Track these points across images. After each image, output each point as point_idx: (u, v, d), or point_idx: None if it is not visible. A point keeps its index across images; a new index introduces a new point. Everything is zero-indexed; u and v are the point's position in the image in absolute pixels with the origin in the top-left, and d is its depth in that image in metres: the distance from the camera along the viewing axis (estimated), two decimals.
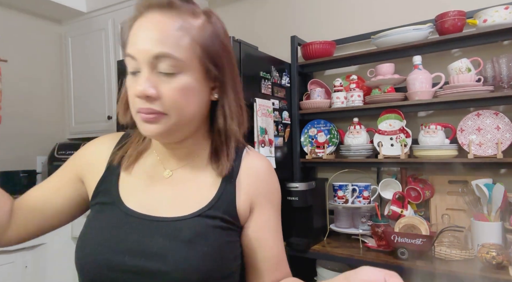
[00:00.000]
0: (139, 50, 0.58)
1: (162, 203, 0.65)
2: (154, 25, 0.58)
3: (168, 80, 0.58)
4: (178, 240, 0.60)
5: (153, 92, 0.57)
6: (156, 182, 0.68)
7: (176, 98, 0.59)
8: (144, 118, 0.59)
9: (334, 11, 2.16)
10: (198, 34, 0.60)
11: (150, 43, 0.57)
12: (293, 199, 1.77)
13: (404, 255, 1.50)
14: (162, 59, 0.57)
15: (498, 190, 1.50)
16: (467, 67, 1.60)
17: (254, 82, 1.76)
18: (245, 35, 2.28)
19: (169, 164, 0.69)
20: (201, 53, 0.60)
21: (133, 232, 0.61)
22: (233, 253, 0.65)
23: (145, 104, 0.58)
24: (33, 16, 2.64)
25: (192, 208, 0.64)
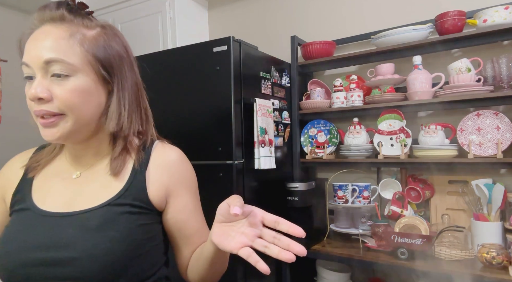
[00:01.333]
0: (32, 57, 0.64)
1: (73, 200, 0.70)
2: (46, 35, 0.64)
3: (61, 83, 0.64)
4: (86, 228, 0.65)
5: (45, 95, 0.63)
6: (67, 183, 0.73)
7: (69, 98, 0.64)
8: (42, 123, 0.65)
9: (334, 11, 2.16)
10: (90, 43, 0.67)
11: (41, 50, 0.63)
12: (293, 199, 1.77)
13: (404, 255, 1.50)
14: (52, 64, 0.63)
15: (498, 190, 1.50)
16: (467, 67, 1.60)
17: (254, 82, 1.76)
18: (245, 35, 2.28)
19: (79, 165, 0.75)
20: (93, 60, 0.67)
21: (46, 230, 0.66)
22: (147, 234, 0.70)
23: (40, 107, 0.63)
24: None
25: (101, 199, 0.69)
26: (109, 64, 0.69)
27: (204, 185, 1.66)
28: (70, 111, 0.65)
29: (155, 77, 1.82)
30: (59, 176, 0.75)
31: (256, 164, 1.68)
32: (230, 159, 1.58)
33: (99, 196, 0.70)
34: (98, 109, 0.69)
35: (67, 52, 0.64)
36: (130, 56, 0.75)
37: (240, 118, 1.64)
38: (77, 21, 0.68)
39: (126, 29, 2.45)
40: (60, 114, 0.64)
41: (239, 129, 1.62)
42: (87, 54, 0.66)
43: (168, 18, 2.33)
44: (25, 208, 0.71)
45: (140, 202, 0.70)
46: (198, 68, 1.69)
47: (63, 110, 0.64)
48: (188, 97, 1.72)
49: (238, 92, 1.63)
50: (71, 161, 0.76)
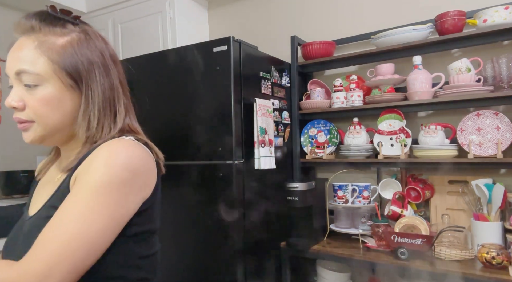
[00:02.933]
0: (8, 68, 0.69)
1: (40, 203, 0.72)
2: (17, 47, 0.69)
3: (31, 92, 0.67)
4: (21, 235, 0.70)
5: (18, 104, 0.67)
6: (48, 186, 0.76)
7: (38, 107, 0.67)
8: (19, 127, 0.70)
9: (334, 11, 2.16)
10: (55, 51, 0.68)
11: (13, 62, 0.68)
12: (293, 199, 1.77)
13: (404, 255, 1.50)
14: (22, 74, 0.67)
15: (498, 190, 1.50)
16: (467, 67, 1.60)
17: (254, 82, 1.76)
18: (245, 35, 2.28)
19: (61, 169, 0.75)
20: (58, 69, 0.68)
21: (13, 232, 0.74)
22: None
23: (16, 114, 0.69)
24: None
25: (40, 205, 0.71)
26: (76, 71, 0.69)
27: (204, 185, 1.66)
28: (39, 118, 0.68)
29: (155, 77, 1.82)
30: (48, 180, 0.79)
31: (256, 164, 1.68)
32: (230, 159, 1.58)
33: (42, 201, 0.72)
34: (68, 116, 0.70)
35: (33, 62, 0.67)
36: (107, 60, 0.73)
37: (240, 118, 1.64)
38: (46, 30, 0.69)
39: (126, 29, 2.45)
40: (30, 121, 0.69)
41: (239, 129, 1.62)
42: (51, 63, 0.67)
43: (168, 18, 2.33)
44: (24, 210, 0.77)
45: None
46: (198, 68, 1.69)
47: (32, 118, 0.68)
48: (188, 97, 1.72)
49: (238, 92, 1.63)
50: (60, 164, 0.79)
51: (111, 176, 0.61)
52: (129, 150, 0.65)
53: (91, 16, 2.58)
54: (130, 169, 0.63)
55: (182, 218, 1.70)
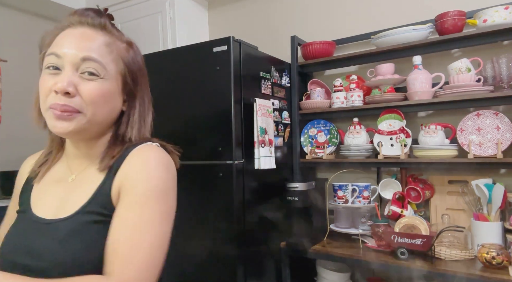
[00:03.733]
0: (68, 51, 0.65)
1: (61, 206, 0.69)
2: (86, 36, 0.67)
3: (89, 82, 0.66)
4: (54, 240, 0.64)
5: (72, 90, 0.64)
6: (60, 186, 0.73)
7: (94, 99, 0.66)
8: (57, 115, 0.64)
9: (334, 11, 2.16)
10: (123, 53, 0.71)
11: (82, 48, 0.66)
12: (293, 199, 1.77)
13: (404, 255, 1.50)
14: (88, 62, 0.65)
15: (498, 190, 1.50)
16: (467, 67, 1.60)
17: (254, 82, 1.76)
18: (245, 35, 2.28)
19: (74, 167, 0.74)
20: (124, 69, 0.71)
21: (29, 235, 0.67)
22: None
23: (61, 100, 0.64)
24: (33, 16, 2.64)
25: (74, 207, 0.67)
26: (135, 76, 0.74)
27: (204, 185, 1.66)
28: (90, 109, 0.66)
29: (155, 77, 1.81)
30: (55, 179, 0.75)
31: (256, 164, 1.68)
32: (230, 159, 1.58)
33: (76, 203, 0.68)
34: (111, 114, 0.72)
35: (104, 57, 0.67)
36: (146, 73, 0.79)
37: (240, 118, 1.64)
38: (114, 32, 0.72)
39: (126, 29, 2.45)
40: (76, 113, 0.65)
41: (239, 129, 1.62)
42: (121, 63, 0.70)
43: (168, 18, 2.33)
44: (24, 210, 0.73)
45: (105, 210, 0.66)
46: (198, 68, 1.69)
47: (82, 107, 0.65)
48: (188, 97, 1.72)
49: (238, 92, 1.63)
50: (69, 162, 0.76)
51: (165, 183, 0.68)
52: (167, 157, 0.72)
53: None
54: (174, 174, 0.72)
55: (182, 218, 1.70)
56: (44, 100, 0.66)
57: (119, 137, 0.74)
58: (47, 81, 0.66)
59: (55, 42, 0.68)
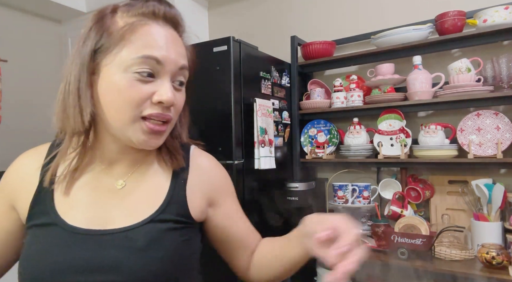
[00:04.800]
0: (169, 58, 0.60)
1: (112, 214, 0.63)
2: (176, 40, 0.63)
3: (179, 91, 0.64)
4: (131, 249, 0.58)
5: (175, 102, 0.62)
6: (102, 193, 0.65)
7: (181, 107, 0.66)
8: (156, 131, 0.60)
9: (334, 11, 2.16)
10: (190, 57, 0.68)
11: (178, 55, 0.62)
12: (293, 199, 1.77)
13: (404, 255, 1.50)
14: (183, 71, 0.64)
15: (498, 190, 1.50)
16: (467, 67, 1.60)
17: (254, 82, 1.76)
18: (245, 35, 2.28)
19: (117, 173, 0.67)
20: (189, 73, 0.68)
21: (82, 250, 0.58)
22: (189, 250, 0.66)
23: (165, 111, 0.61)
24: (33, 16, 2.64)
25: (143, 215, 0.63)
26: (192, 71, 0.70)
27: None
28: (175, 119, 0.65)
29: None
30: (92, 186, 0.65)
31: (256, 164, 1.68)
32: (230, 159, 1.58)
33: (140, 210, 0.63)
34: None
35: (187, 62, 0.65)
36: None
37: (240, 118, 1.64)
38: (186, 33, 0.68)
39: None
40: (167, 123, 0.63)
41: (239, 129, 1.62)
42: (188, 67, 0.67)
43: None
44: (50, 223, 0.61)
45: (181, 217, 0.65)
46: (198, 68, 1.69)
47: (173, 118, 0.64)
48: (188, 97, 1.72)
49: (238, 92, 1.63)
50: (107, 167, 0.67)
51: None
52: None
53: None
54: None
55: None
56: (133, 109, 0.58)
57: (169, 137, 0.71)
58: (141, 88, 0.58)
59: (146, 39, 0.58)
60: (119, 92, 0.58)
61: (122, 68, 0.57)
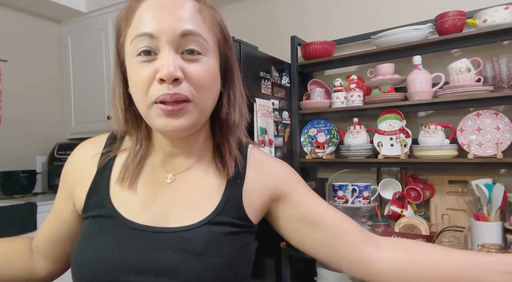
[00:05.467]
0: (162, 27, 0.51)
1: (168, 211, 0.59)
2: (176, 5, 0.53)
3: (193, 63, 0.53)
4: (189, 253, 0.54)
5: (181, 75, 0.51)
6: (158, 188, 0.61)
7: (202, 83, 0.54)
8: (169, 111, 0.52)
9: (334, 11, 2.16)
10: (215, 19, 0.58)
11: (176, 20, 0.52)
12: None
13: None
14: (189, 38, 0.52)
15: (498, 190, 1.50)
16: (467, 67, 1.60)
17: (254, 82, 1.76)
18: (245, 35, 2.28)
19: (172, 167, 0.63)
20: (221, 38, 0.59)
21: (140, 248, 0.55)
22: (246, 256, 0.62)
23: (171, 89, 0.51)
24: (33, 16, 2.64)
25: (199, 215, 0.58)
26: (230, 46, 0.61)
27: None
28: (199, 96, 0.54)
29: None
30: (148, 180, 0.62)
31: None
32: None
33: (196, 209, 0.59)
34: (216, 98, 0.59)
35: (202, 27, 0.54)
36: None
37: None
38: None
39: None
40: (188, 102, 0.53)
41: None
42: (216, 32, 0.58)
43: None
44: (106, 215, 0.58)
45: (238, 220, 0.60)
46: None
47: (194, 95, 0.53)
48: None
49: None
50: (165, 161, 0.63)
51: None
52: None
53: (91, 16, 2.58)
54: None
55: None
56: (144, 95, 0.53)
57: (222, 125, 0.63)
58: (143, 72, 0.52)
59: (138, 18, 0.53)
60: (131, 81, 0.55)
61: (129, 56, 0.55)
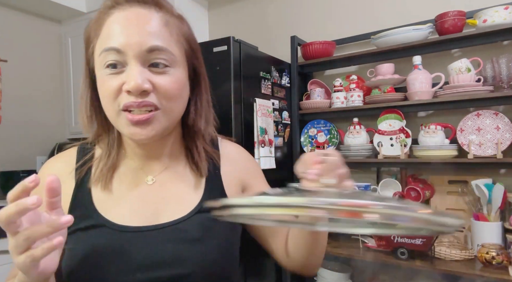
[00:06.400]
0: (129, 43, 0.54)
1: (157, 209, 0.62)
2: (142, 19, 0.56)
3: (161, 74, 0.57)
4: (188, 241, 0.59)
5: (148, 86, 0.55)
6: (142, 190, 0.64)
7: (170, 91, 0.57)
8: (136, 121, 0.55)
9: (334, 11, 2.16)
10: (183, 30, 0.62)
11: (144, 36, 0.55)
12: None
13: (404, 255, 1.50)
14: (155, 52, 0.56)
15: (498, 190, 1.50)
16: (467, 67, 1.60)
17: (254, 82, 1.76)
18: (245, 35, 2.28)
19: (150, 169, 0.66)
20: (188, 49, 0.62)
21: (139, 247, 0.58)
22: (235, 237, 0.68)
23: (137, 99, 0.55)
24: (33, 16, 2.64)
25: (188, 206, 0.63)
26: (198, 55, 0.65)
27: None
28: (167, 105, 0.58)
29: None
30: (128, 183, 0.65)
31: None
32: None
33: (184, 202, 0.63)
34: (185, 105, 0.64)
35: (168, 41, 0.57)
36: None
37: (240, 118, 1.64)
38: (169, 8, 0.61)
39: None
40: (155, 110, 0.56)
41: (239, 129, 1.62)
42: (183, 44, 0.61)
43: None
44: (96, 224, 0.59)
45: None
46: None
47: (161, 104, 0.57)
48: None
49: (238, 92, 1.63)
50: (142, 164, 0.66)
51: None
52: None
53: (91, 16, 2.58)
54: None
55: None
56: (112, 103, 0.56)
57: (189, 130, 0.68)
58: (111, 83, 0.56)
59: (106, 31, 0.56)
60: (100, 90, 0.58)
61: (98, 67, 0.58)
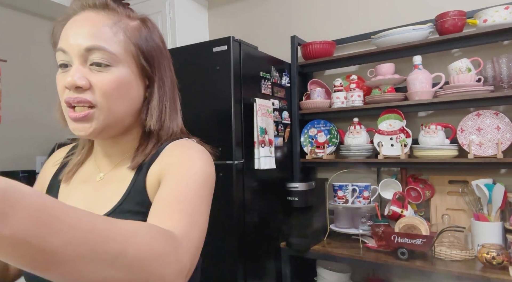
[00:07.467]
0: (71, 43, 0.59)
1: (92, 206, 0.65)
2: (87, 21, 0.60)
3: (100, 73, 0.59)
4: None
5: (83, 83, 0.58)
6: (90, 187, 0.68)
7: (107, 89, 0.59)
8: (74, 117, 0.59)
9: (334, 11, 2.16)
10: (133, 33, 0.64)
11: (81, 37, 0.59)
12: (293, 199, 1.77)
13: (404, 255, 1.50)
14: (94, 52, 0.59)
15: (498, 190, 1.50)
16: (467, 67, 1.60)
17: (254, 82, 1.76)
18: (245, 35, 2.28)
19: (103, 166, 0.69)
20: (135, 51, 0.63)
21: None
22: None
23: (74, 94, 0.58)
24: (33, 16, 2.64)
25: (107, 207, 0.63)
26: (151, 56, 0.66)
27: None
28: (105, 103, 0.60)
29: None
30: (83, 179, 0.70)
31: (256, 164, 1.68)
32: (230, 159, 1.58)
33: (110, 201, 0.64)
34: (134, 104, 0.65)
35: (110, 41, 0.60)
36: (167, 52, 0.71)
37: (240, 118, 1.64)
38: (120, 10, 0.64)
39: None
40: (93, 107, 0.59)
41: (239, 129, 1.62)
42: (130, 44, 0.62)
43: (168, 18, 2.33)
44: None
45: (141, 207, 0.62)
46: (198, 68, 1.69)
47: (99, 102, 0.59)
48: (188, 97, 1.72)
49: (238, 92, 1.63)
50: (97, 161, 0.71)
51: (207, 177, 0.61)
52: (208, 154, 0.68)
53: None
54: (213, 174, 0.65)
55: None
56: (62, 100, 0.61)
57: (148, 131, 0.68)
58: (60, 81, 0.61)
59: (62, 35, 0.61)
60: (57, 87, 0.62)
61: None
